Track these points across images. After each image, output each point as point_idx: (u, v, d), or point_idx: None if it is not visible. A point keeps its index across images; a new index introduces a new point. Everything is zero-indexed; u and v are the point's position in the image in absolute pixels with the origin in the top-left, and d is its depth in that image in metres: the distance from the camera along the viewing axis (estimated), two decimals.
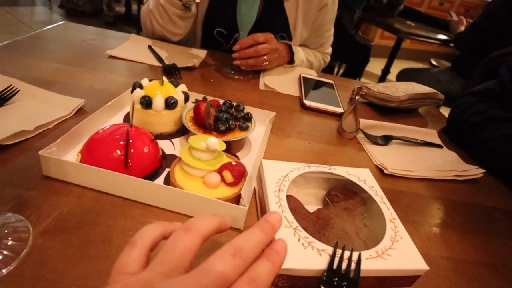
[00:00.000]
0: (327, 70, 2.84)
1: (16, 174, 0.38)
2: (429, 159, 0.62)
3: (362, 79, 3.41)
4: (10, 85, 0.52)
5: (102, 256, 0.31)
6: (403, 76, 2.50)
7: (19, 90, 0.51)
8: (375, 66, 3.58)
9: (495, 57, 1.82)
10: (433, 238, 0.44)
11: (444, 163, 0.62)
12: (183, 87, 0.52)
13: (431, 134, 0.72)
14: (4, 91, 0.50)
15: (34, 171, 0.38)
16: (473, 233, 0.47)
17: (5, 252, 0.30)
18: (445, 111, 0.89)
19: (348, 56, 2.52)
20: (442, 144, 0.68)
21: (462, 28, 2.21)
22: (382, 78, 2.76)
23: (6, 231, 0.32)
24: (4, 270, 0.29)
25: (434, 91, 0.81)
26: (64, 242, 0.32)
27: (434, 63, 2.88)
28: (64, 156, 0.40)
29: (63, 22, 0.86)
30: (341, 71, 2.78)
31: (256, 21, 0.76)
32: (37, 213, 0.34)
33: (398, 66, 2.82)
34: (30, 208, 0.34)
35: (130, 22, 3.58)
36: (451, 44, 2.26)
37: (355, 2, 2.23)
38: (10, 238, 0.31)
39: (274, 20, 0.89)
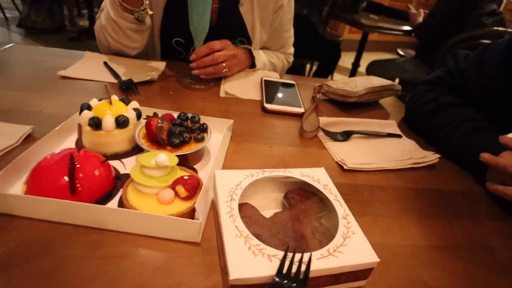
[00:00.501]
0: (299, 69, 2.88)
1: None
2: (388, 150, 0.64)
3: (335, 74, 3.48)
4: None
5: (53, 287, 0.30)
6: (372, 68, 2.57)
7: None
8: (345, 60, 3.66)
9: (452, 44, 1.90)
10: (393, 228, 0.46)
11: (403, 152, 0.64)
12: (134, 104, 0.52)
13: (390, 125, 0.74)
14: None
15: None
16: (432, 217, 0.49)
17: None
18: None
19: (319, 54, 2.57)
20: (402, 134, 0.70)
21: (420, 19, 2.31)
22: (353, 72, 2.82)
23: None
24: None
25: (391, 82, 0.84)
26: (11, 280, 0.31)
27: (400, 52, 2.97)
28: (9, 188, 0.39)
29: (11, 44, 0.83)
30: (314, 68, 2.81)
31: (213, 28, 0.76)
32: None
33: (367, 58, 2.89)
34: None
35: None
36: (413, 34, 2.34)
37: (323, 1, 2.28)
38: None
39: (231, 25, 0.90)
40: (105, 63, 0.78)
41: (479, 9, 2.01)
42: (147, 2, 0.76)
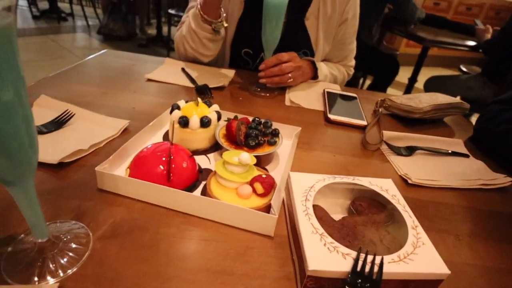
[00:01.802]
0: (351, 82, 2.83)
1: (75, 187, 0.44)
2: (454, 168, 0.62)
3: (389, 88, 3.37)
4: (67, 110, 0.59)
5: (151, 258, 0.35)
6: (431, 84, 2.45)
7: (74, 114, 0.58)
8: (401, 74, 3.51)
9: None
10: (459, 245, 0.45)
11: (471, 172, 0.62)
12: (215, 107, 0.57)
13: (456, 144, 0.72)
14: (62, 116, 0.57)
15: (90, 185, 0.44)
16: (500, 240, 0.47)
17: (70, 254, 0.35)
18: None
19: (373, 67, 2.51)
20: (469, 154, 0.68)
21: (488, 36, 2.15)
22: (409, 87, 2.71)
23: (69, 236, 0.37)
24: (69, 270, 0.34)
25: (459, 100, 0.81)
26: (119, 246, 0.36)
27: (464, 69, 2.79)
28: (114, 171, 0.46)
29: (105, 50, 0.95)
30: (368, 82, 2.75)
31: (280, 40, 0.80)
32: (95, 221, 0.39)
33: (425, 74, 2.76)
34: (88, 217, 0.39)
35: (161, 44, 3.78)
36: (480, 50, 2.19)
37: (370, 19, 2.24)
38: (73, 243, 0.36)
39: (296, 38, 0.93)
40: (183, 69, 0.86)
41: None
42: (224, 15, 0.83)
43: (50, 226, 0.38)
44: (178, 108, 0.54)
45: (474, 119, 0.88)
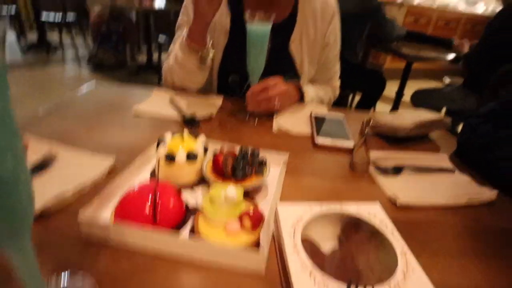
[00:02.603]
0: (340, 100, 2.87)
1: (58, 236, 0.42)
2: (441, 185, 0.63)
3: (378, 103, 3.42)
4: (50, 151, 0.58)
5: None
6: (417, 98, 2.50)
7: (57, 155, 0.58)
8: (389, 89, 3.58)
9: (504, 72, 1.81)
10: (452, 267, 0.45)
11: (457, 187, 0.62)
12: (202, 139, 0.57)
13: (442, 159, 0.73)
14: (43, 158, 0.56)
15: (74, 231, 0.42)
16: (495, 258, 0.47)
17: None
18: None
19: (360, 85, 2.55)
20: (454, 168, 0.69)
21: (465, 49, 2.23)
22: (397, 101, 2.75)
23: None
24: None
25: (440, 116, 0.83)
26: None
27: (446, 81, 2.87)
28: (100, 215, 0.45)
29: (92, 81, 0.95)
30: (357, 98, 2.79)
31: (265, 66, 0.82)
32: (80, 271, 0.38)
33: (412, 87, 2.82)
34: (74, 267, 0.38)
35: (152, 71, 3.81)
36: (460, 63, 2.26)
37: (352, 38, 2.30)
38: None
39: (282, 63, 0.95)
40: (171, 99, 0.86)
41: None
42: (211, 42, 0.85)
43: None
44: (164, 142, 0.54)
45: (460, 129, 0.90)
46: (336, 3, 0.99)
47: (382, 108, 3.46)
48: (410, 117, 0.79)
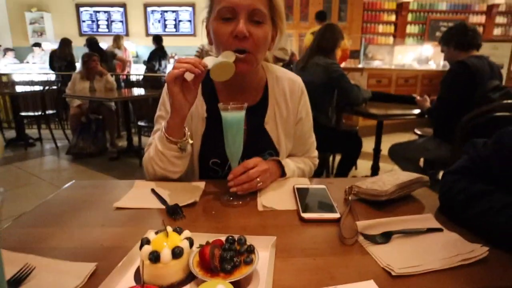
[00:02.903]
0: (321, 162, 2.95)
1: None
2: (433, 247, 0.63)
3: (359, 161, 3.53)
4: (26, 264, 0.55)
5: None
6: (394, 151, 2.62)
7: (34, 268, 0.55)
8: (366, 145, 3.75)
9: (467, 120, 1.96)
10: None
11: (448, 248, 0.62)
12: (187, 233, 0.56)
13: (428, 219, 0.74)
14: (20, 272, 0.53)
15: None
16: None
17: None
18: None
19: (338, 146, 2.66)
20: (442, 227, 0.70)
21: (427, 104, 2.43)
22: (376, 157, 2.85)
23: None
24: None
25: (417, 175, 0.86)
26: None
27: (418, 132, 3.04)
28: None
29: (71, 183, 0.94)
30: (338, 158, 2.88)
31: (244, 147, 0.86)
32: None
33: (387, 141, 2.97)
34: None
35: (133, 154, 3.85)
36: (426, 116, 2.44)
37: (323, 104, 2.49)
38: None
39: (259, 142, 1.00)
40: (153, 190, 0.87)
41: (483, 86, 2.12)
42: (188, 133, 0.89)
43: None
44: (148, 242, 0.53)
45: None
46: (302, 80, 1.09)
47: (363, 165, 3.56)
48: (389, 181, 0.82)
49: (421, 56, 7.58)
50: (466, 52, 2.23)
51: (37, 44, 7.35)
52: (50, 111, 4.43)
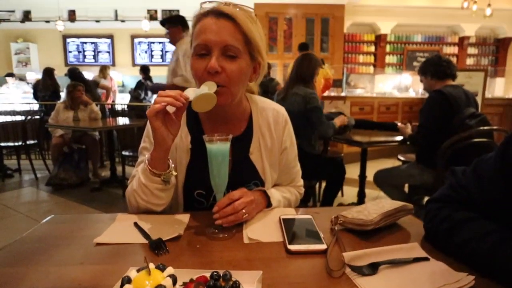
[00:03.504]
0: (309, 191, 2.95)
1: None
2: (420, 278, 0.63)
3: (344, 187, 3.55)
4: None
5: None
6: (379, 177, 2.66)
7: None
8: (352, 172, 3.81)
9: (447, 146, 2.04)
10: None
11: (435, 278, 0.62)
12: (170, 270, 0.54)
13: (415, 248, 0.74)
14: None
15: None
16: None
17: None
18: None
19: (322, 173, 2.68)
20: (428, 256, 0.70)
21: (409, 130, 2.51)
22: (362, 183, 2.88)
23: None
24: None
25: (402, 204, 0.87)
26: None
27: (401, 158, 3.11)
28: None
29: (49, 217, 0.91)
30: (323, 185, 2.90)
31: (230, 177, 0.85)
32: None
33: (371, 166, 3.02)
34: None
35: (116, 184, 3.76)
36: (408, 143, 2.51)
37: (306, 131, 2.54)
38: None
39: (245, 172, 1.00)
40: (135, 224, 0.84)
41: (460, 114, 2.21)
42: (172, 165, 0.88)
43: None
44: (129, 281, 0.51)
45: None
46: (285, 110, 1.11)
47: (349, 191, 3.58)
48: (374, 210, 0.83)
49: (401, 84, 7.94)
50: (442, 82, 2.35)
51: (10, 74, 7.29)
52: (31, 141, 4.34)
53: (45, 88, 5.57)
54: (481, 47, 8.36)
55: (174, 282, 0.53)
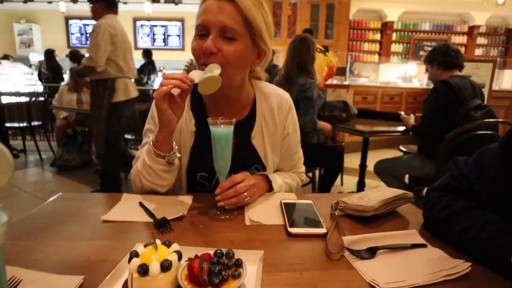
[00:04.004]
0: (308, 175, 2.96)
1: None
2: (417, 263, 0.65)
3: (345, 176, 3.57)
4: (12, 277, 0.55)
5: None
6: (380, 168, 2.67)
7: (21, 280, 0.54)
8: (352, 161, 3.82)
9: (450, 138, 2.03)
10: None
11: (432, 263, 0.64)
12: (175, 246, 0.57)
13: (412, 235, 0.76)
14: (7, 285, 0.53)
15: None
16: None
17: None
18: None
19: (320, 162, 2.70)
20: (426, 243, 0.72)
21: (412, 121, 2.50)
22: (362, 173, 2.90)
23: None
24: None
25: (402, 191, 0.89)
26: None
27: (403, 149, 3.11)
28: None
29: (57, 195, 0.93)
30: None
31: (232, 160, 0.87)
32: None
33: (372, 156, 3.02)
34: None
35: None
36: (410, 134, 2.50)
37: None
38: None
39: (246, 156, 1.02)
40: (140, 203, 0.87)
41: (465, 105, 2.20)
42: (176, 147, 0.90)
43: None
44: (137, 255, 0.53)
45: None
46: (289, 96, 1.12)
47: (349, 181, 3.61)
48: (375, 197, 0.85)
49: (406, 74, 7.83)
50: (449, 72, 2.32)
51: (6, 57, 7.20)
52: (36, 123, 4.37)
53: (47, 70, 5.55)
54: (491, 37, 8.14)
55: (180, 257, 0.55)
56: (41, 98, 4.49)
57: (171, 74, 0.82)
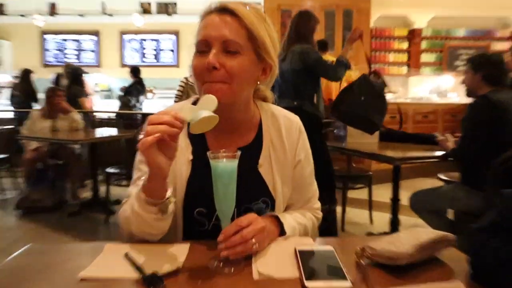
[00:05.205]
0: (326, 214, 2.94)
1: None
2: None
3: (374, 212, 3.50)
4: None
5: None
6: (416, 201, 2.62)
7: None
8: (381, 193, 3.77)
9: (500, 162, 2.01)
10: None
11: None
12: None
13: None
14: None
15: None
16: None
17: None
18: None
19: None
20: None
21: (450, 144, 2.49)
22: (394, 208, 2.85)
23: None
24: None
25: (442, 233, 0.88)
26: None
27: (443, 177, 3.07)
28: None
29: (26, 247, 0.93)
30: (348, 209, 2.89)
31: (236, 191, 0.86)
32: None
33: (406, 187, 2.98)
34: None
35: (99, 208, 3.78)
36: (450, 159, 2.49)
37: (308, 90, 2.90)
38: None
39: (253, 187, 1.03)
40: (127, 255, 0.87)
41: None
42: (170, 193, 0.90)
43: None
44: None
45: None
46: (299, 119, 1.14)
47: (379, 218, 3.55)
48: (408, 240, 0.84)
49: (440, 87, 7.89)
50: (491, 87, 2.33)
51: None
52: (0, 155, 4.43)
53: (20, 92, 5.73)
54: None
55: None
56: (9, 126, 4.58)
57: (156, 118, 0.80)
